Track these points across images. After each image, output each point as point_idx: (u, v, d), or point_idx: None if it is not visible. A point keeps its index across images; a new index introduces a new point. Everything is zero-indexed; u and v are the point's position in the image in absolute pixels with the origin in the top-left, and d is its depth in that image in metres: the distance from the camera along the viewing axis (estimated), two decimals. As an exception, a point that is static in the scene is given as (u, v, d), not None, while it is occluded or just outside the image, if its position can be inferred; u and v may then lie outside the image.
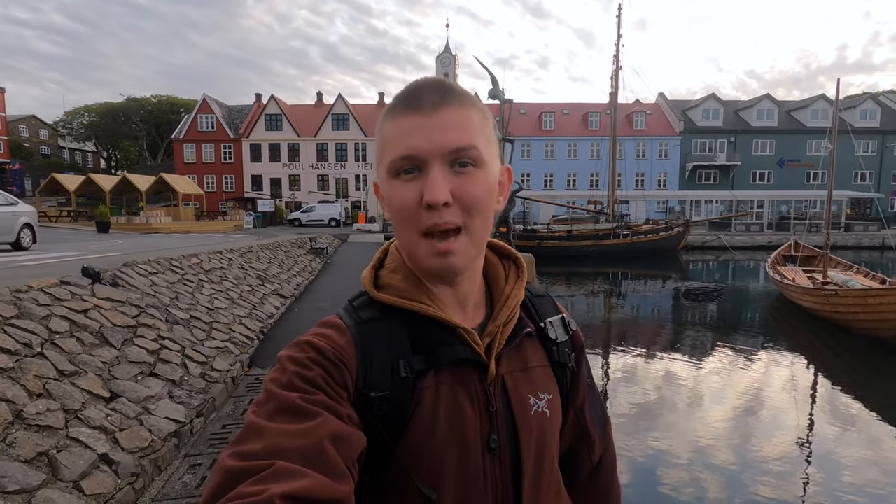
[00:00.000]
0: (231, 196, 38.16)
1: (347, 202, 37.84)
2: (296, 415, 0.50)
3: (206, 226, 27.55)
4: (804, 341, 8.80)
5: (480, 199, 0.58)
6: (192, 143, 39.70)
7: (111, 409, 3.00)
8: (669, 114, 41.05)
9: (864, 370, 7.25)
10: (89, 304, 3.94)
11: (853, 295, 7.95)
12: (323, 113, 40.37)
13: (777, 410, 5.67)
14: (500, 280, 0.70)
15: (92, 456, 2.55)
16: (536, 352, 0.69)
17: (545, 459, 0.65)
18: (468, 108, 0.59)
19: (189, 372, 3.91)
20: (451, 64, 68.77)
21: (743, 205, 35.68)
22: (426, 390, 0.59)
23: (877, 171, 39.69)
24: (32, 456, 2.37)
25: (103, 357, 3.44)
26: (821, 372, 7.24)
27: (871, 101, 40.48)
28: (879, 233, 27.87)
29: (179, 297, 5.23)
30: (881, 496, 3.95)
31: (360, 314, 0.63)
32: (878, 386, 6.67)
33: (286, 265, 10.27)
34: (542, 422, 0.65)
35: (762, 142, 39.46)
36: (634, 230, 22.45)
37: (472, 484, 0.59)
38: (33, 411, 2.60)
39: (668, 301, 13.40)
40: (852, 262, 12.68)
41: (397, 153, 0.58)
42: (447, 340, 0.61)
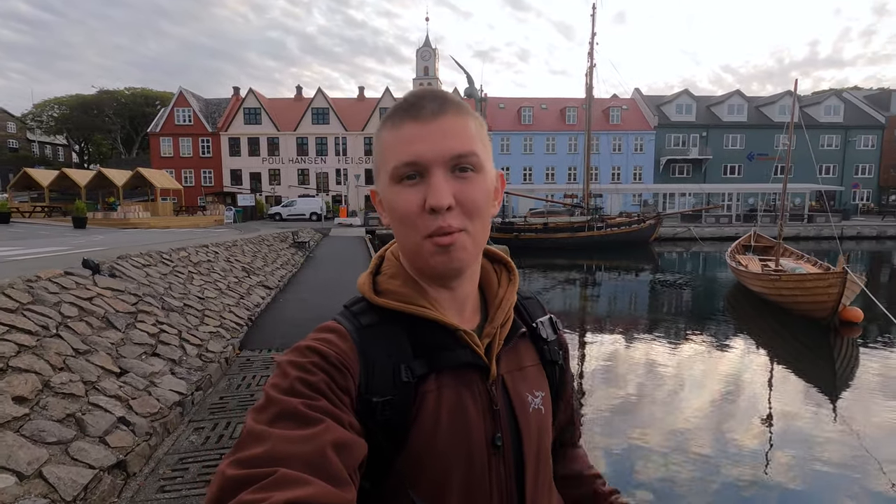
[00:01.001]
0: (210, 191, 37.90)
1: (328, 196, 37.95)
2: (298, 421, 0.49)
3: (185, 221, 27.44)
4: (754, 324, 9.56)
5: (480, 202, 0.61)
6: (169, 136, 39.21)
7: (122, 382, 3.41)
8: (644, 109, 42.08)
9: (800, 348, 8.01)
10: (93, 292, 4.31)
11: (793, 279, 8.72)
12: (303, 107, 40.25)
13: (730, 392, 6.30)
14: (493, 284, 0.72)
15: (111, 418, 2.98)
16: (529, 351, 0.72)
17: (542, 454, 0.69)
18: (466, 117, 0.62)
19: (186, 353, 4.33)
20: (432, 58, 68.80)
21: (714, 197, 36.98)
22: (428, 394, 0.61)
23: (840, 165, 41.38)
24: (62, 417, 2.79)
25: (111, 339, 3.84)
26: (767, 351, 7.96)
27: (834, 98, 42.12)
28: (839, 224, 29.33)
29: (172, 287, 5.61)
30: (817, 468, 4.60)
31: (359, 319, 0.63)
32: (812, 360, 7.42)
33: (270, 258, 10.62)
34: (539, 418, 0.68)
35: (732, 136, 40.78)
36: (608, 223, 23.26)
37: (478, 483, 0.61)
38: (58, 381, 3.00)
39: (638, 291, 14.12)
40: (813, 251, 13.52)
41: (400, 159, 0.59)
42: (448, 343, 0.63)
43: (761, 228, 18.09)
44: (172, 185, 31.37)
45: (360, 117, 39.87)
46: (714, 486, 3.93)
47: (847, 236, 27.52)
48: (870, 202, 40.76)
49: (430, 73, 67.92)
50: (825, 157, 41.01)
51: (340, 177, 39.10)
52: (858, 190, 40.53)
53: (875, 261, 20.39)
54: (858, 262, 19.83)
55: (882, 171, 41.01)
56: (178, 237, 12.53)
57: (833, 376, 6.71)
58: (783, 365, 7.22)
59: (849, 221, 31.14)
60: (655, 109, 41.34)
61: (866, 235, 27.62)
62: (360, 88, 43.81)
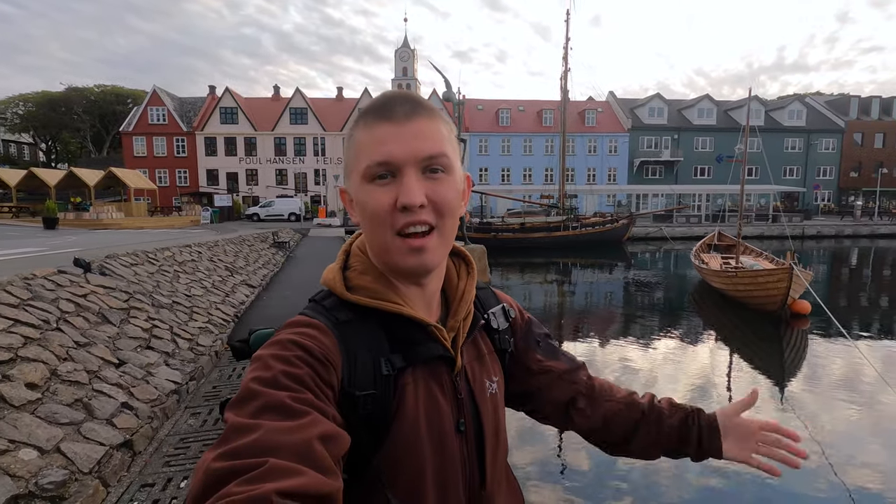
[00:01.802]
0: (185, 191, 37.35)
1: (307, 197, 37.81)
2: (284, 413, 0.49)
3: (160, 222, 27.04)
4: (715, 318, 10.16)
5: (450, 201, 0.62)
6: (143, 136, 38.48)
7: (122, 372, 3.65)
8: (618, 111, 43.16)
9: (755, 339, 8.61)
10: (87, 289, 4.51)
11: (748, 275, 9.35)
12: (280, 106, 40.00)
13: (691, 383, 6.79)
14: (452, 277, 0.74)
15: (116, 403, 3.22)
16: (485, 340, 0.76)
17: (500, 434, 0.73)
18: (437, 120, 0.63)
19: (178, 346, 4.56)
20: (410, 58, 68.93)
21: (685, 198, 38.24)
22: (407, 386, 0.63)
23: (803, 167, 43.16)
24: (71, 401, 3.03)
25: (107, 333, 4.06)
26: (726, 343, 8.54)
27: (797, 103, 43.95)
28: (801, 223, 30.74)
29: (160, 285, 5.80)
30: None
31: (335, 315, 0.64)
32: (765, 350, 8.01)
33: (251, 258, 10.78)
34: (495, 401, 0.73)
35: (702, 139, 42.13)
36: (583, 222, 23.91)
37: (449, 465, 0.65)
38: (64, 370, 3.23)
39: (610, 288, 14.69)
40: (777, 250, 14.32)
41: (373, 159, 0.60)
42: (421, 338, 0.65)
43: (727, 228, 18.95)
44: (146, 185, 30.85)
45: (338, 117, 39.84)
46: (685, 478, 4.35)
47: (808, 235, 28.88)
48: (830, 203, 42.64)
49: (408, 73, 68.06)
50: (789, 160, 42.78)
51: (319, 177, 39.00)
52: (820, 191, 42.33)
53: (835, 258, 21.51)
54: (819, 259, 20.89)
55: (842, 173, 42.98)
56: (155, 238, 12.49)
57: (782, 364, 7.29)
58: (740, 356, 7.78)
59: (810, 221, 32.62)
60: (629, 112, 42.46)
61: (826, 234, 29.02)
62: (338, 89, 43.77)
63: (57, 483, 2.35)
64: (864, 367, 6.56)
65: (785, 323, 8.82)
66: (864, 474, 4.12)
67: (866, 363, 6.51)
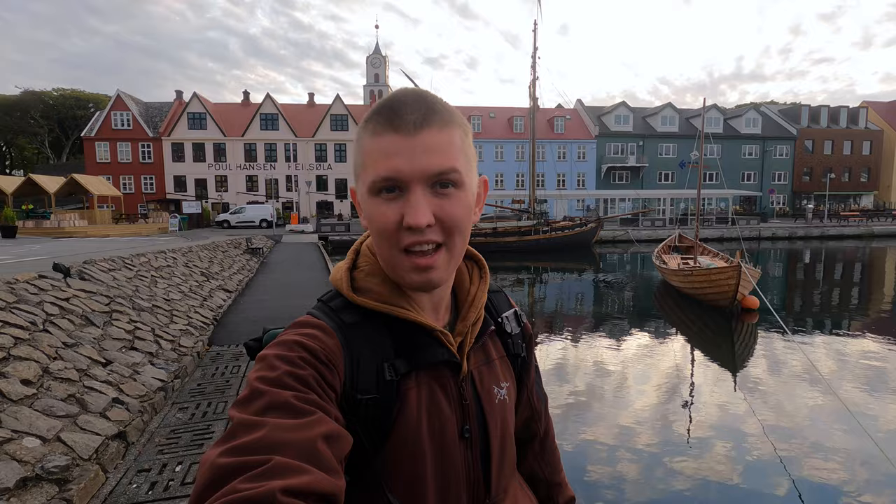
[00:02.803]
0: (152, 197, 36.48)
1: (279, 203, 37.46)
2: (289, 412, 0.49)
3: (126, 229, 26.37)
4: (674, 315, 10.77)
5: (460, 219, 0.60)
6: (106, 141, 37.42)
7: (110, 371, 3.80)
8: (586, 119, 44.45)
9: (709, 333, 9.22)
10: (69, 293, 4.61)
11: (702, 273, 10.01)
12: (250, 112, 39.60)
13: (648, 376, 7.26)
14: (465, 281, 0.73)
15: (107, 398, 3.38)
16: (496, 345, 0.74)
17: (507, 441, 0.71)
18: (450, 128, 0.60)
19: (161, 347, 4.70)
20: (382, 65, 69.16)
21: (650, 202, 39.66)
22: (410, 391, 0.62)
23: (760, 172, 45.32)
24: (65, 397, 3.18)
25: (92, 334, 4.18)
26: (684, 337, 9.09)
27: (753, 111, 46.20)
28: (757, 226, 32.35)
29: (139, 289, 5.89)
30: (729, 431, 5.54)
31: (341, 317, 0.64)
32: (718, 343, 8.60)
33: (226, 264, 10.81)
34: (504, 408, 0.71)
35: (666, 145, 43.79)
36: (553, 227, 24.60)
37: (450, 471, 0.64)
38: (55, 368, 3.38)
39: (578, 289, 15.24)
40: (734, 251, 15.15)
41: (378, 174, 0.58)
42: (426, 343, 0.65)
43: (688, 231, 19.88)
44: (111, 191, 30.02)
45: (310, 124, 39.69)
46: (648, 471, 4.74)
47: (764, 237, 30.41)
48: (785, 206, 44.90)
49: (380, 80, 68.27)
50: (747, 166, 44.90)
51: (291, 183, 38.70)
52: (775, 195, 44.51)
53: (784, 258, 22.75)
54: (772, 259, 22.08)
55: (795, 178, 45.34)
56: (122, 246, 12.29)
57: (733, 356, 7.86)
58: (696, 348, 8.33)
59: (766, 224, 34.32)
60: (596, 119, 43.79)
61: (780, 236, 30.61)
62: (309, 94, 43.59)
63: (61, 467, 2.53)
64: (800, 358, 7.17)
65: (736, 317, 9.46)
66: (799, 456, 4.61)
67: (803, 355, 7.13)
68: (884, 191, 46.79)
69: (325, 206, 39.56)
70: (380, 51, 69.04)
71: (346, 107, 39.57)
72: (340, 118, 39.35)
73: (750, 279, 8.80)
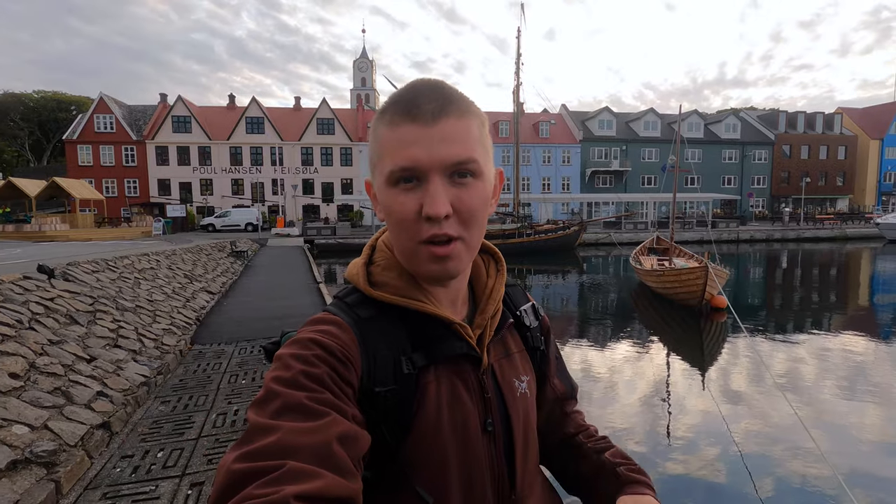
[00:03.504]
0: (135, 201, 36.20)
1: (264, 207, 37.38)
2: (304, 414, 0.49)
3: (109, 233, 26.16)
4: (648, 314, 11.14)
5: (477, 210, 0.60)
6: (89, 144, 37.05)
7: (94, 366, 3.96)
8: (570, 123, 45.12)
9: (679, 331, 9.58)
10: (53, 293, 4.75)
11: (673, 273, 10.39)
12: (236, 115, 39.51)
13: (622, 372, 7.56)
14: (482, 275, 0.74)
15: (91, 391, 3.56)
16: (515, 338, 0.75)
17: (530, 435, 0.72)
18: (468, 118, 0.60)
19: (145, 345, 4.86)
20: (369, 69, 69.33)
21: (633, 206, 40.37)
22: (429, 384, 0.62)
23: (739, 177, 46.37)
24: (51, 389, 3.35)
25: (76, 332, 4.34)
26: (657, 336, 9.44)
27: (733, 117, 47.27)
28: (736, 228, 33.13)
29: (123, 290, 6.03)
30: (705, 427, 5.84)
31: (356, 312, 0.64)
32: (687, 340, 8.96)
33: (210, 266, 10.92)
34: (526, 401, 0.71)
35: (648, 150, 44.58)
36: (536, 230, 24.98)
37: (474, 465, 0.63)
38: (42, 363, 3.54)
39: (562, 291, 15.57)
40: (714, 253, 15.63)
41: (396, 164, 0.58)
42: (444, 336, 0.65)
43: (668, 233, 20.36)
44: (93, 195, 29.73)
45: (296, 127, 39.70)
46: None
47: (743, 239, 31.16)
48: (764, 209, 45.97)
49: (367, 84, 68.45)
50: (727, 170, 45.91)
51: (277, 187, 38.66)
52: (753, 199, 45.57)
53: (760, 260, 23.39)
54: (748, 261, 22.68)
55: (773, 182, 46.47)
56: (104, 250, 12.30)
57: (701, 353, 8.21)
58: (667, 346, 8.67)
59: (745, 227, 35.15)
60: (580, 124, 44.45)
61: (758, 239, 31.39)
62: (296, 98, 43.60)
63: (49, 451, 2.71)
64: (753, 356, 7.54)
65: (705, 316, 9.84)
66: (755, 447, 4.92)
67: (755, 354, 7.50)
68: (858, 194, 48.17)
69: (312, 209, 39.56)
70: (367, 55, 69.24)
71: (332, 111, 39.66)
72: (327, 122, 39.43)
73: (714, 278, 9.17)
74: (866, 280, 16.86)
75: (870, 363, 7.33)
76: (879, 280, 16.56)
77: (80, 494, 2.63)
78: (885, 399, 5.91)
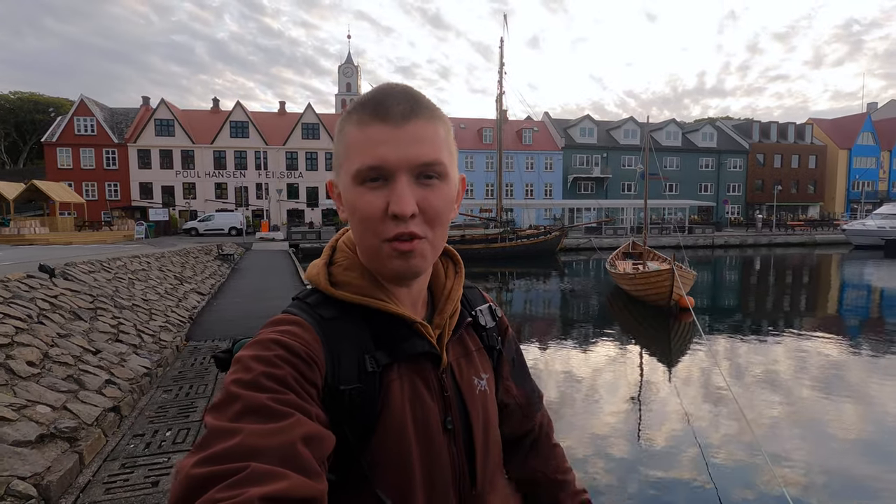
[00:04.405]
0: (116, 205, 35.87)
1: (248, 211, 37.33)
2: (266, 416, 0.48)
3: (90, 236, 25.92)
4: (621, 315, 11.69)
5: (442, 211, 0.61)
6: (68, 147, 36.61)
7: (100, 358, 4.25)
8: (553, 131, 46.02)
9: (650, 330, 10.13)
10: (56, 291, 5.02)
11: (643, 276, 10.97)
12: (220, 119, 39.43)
13: (594, 369, 8.03)
14: (440, 276, 0.75)
15: (101, 379, 3.86)
16: (473, 338, 0.77)
17: (490, 432, 0.72)
18: (435, 122, 0.61)
19: (144, 340, 5.15)
20: (354, 74, 69.56)
21: (613, 212, 41.34)
22: (393, 383, 0.62)
23: (716, 184, 47.77)
24: (65, 377, 3.65)
25: (81, 327, 4.62)
26: (629, 335, 9.97)
27: (709, 126, 48.75)
28: (712, 234, 34.21)
29: (119, 290, 6.29)
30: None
31: (318, 312, 0.63)
32: (656, 339, 9.49)
33: (198, 269, 11.13)
34: (485, 399, 0.72)
35: (628, 157, 45.62)
36: (519, 235, 25.55)
37: (435, 464, 0.64)
38: (54, 353, 3.84)
39: (542, 295, 16.07)
40: (684, 257, 16.30)
41: (364, 162, 0.58)
42: (407, 335, 0.65)
43: (643, 238, 21.06)
44: (73, 198, 29.40)
45: (281, 132, 39.79)
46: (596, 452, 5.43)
47: (717, 245, 32.21)
48: (739, 216, 47.42)
49: (352, 89, 68.65)
50: (704, 177, 47.27)
51: (261, 191, 38.65)
52: (729, 205, 46.98)
53: (730, 264, 24.29)
54: (721, 265, 23.53)
55: (748, 189, 47.97)
56: (86, 254, 12.31)
57: (669, 350, 8.74)
58: (638, 344, 9.20)
59: (720, 232, 36.28)
60: (562, 132, 45.38)
61: (732, 244, 32.47)
62: (280, 103, 43.73)
63: (71, 428, 3.02)
64: (708, 355, 8.09)
65: (673, 316, 10.41)
66: (713, 439, 5.41)
67: (710, 352, 8.05)
68: (829, 202, 49.99)
69: (296, 214, 39.61)
70: (352, 60, 69.48)
71: (317, 115, 39.86)
72: (312, 127, 39.60)
73: (678, 280, 9.74)
74: (828, 283, 17.77)
75: (823, 362, 7.93)
76: (843, 283, 17.48)
77: (101, 465, 2.95)
78: (828, 394, 6.47)
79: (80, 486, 2.72)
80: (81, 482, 2.76)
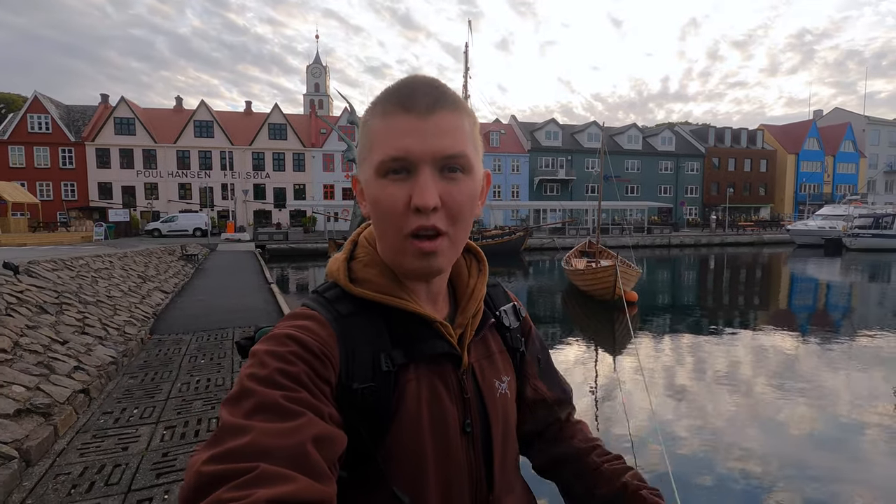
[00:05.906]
0: (73, 205, 34.74)
1: (213, 212, 36.79)
2: (278, 414, 0.48)
3: (45, 238, 25.09)
4: (573, 308, 12.43)
5: (465, 206, 0.60)
6: (21, 145, 35.27)
7: (68, 347, 4.54)
8: (519, 134, 47.12)
9: (597, 321, 10.89)
10: (22, 287, 5.24)
11: (591, 272, 11.75)
12: (183, 118, 38.72)
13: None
14: (463, 274, 0.73)
15: (70, 366, 4.16)
16: (495, 339, 0.74)
17: (509, 437, 0.71)
18: (461, 114, 0.60)
19: (109, 333, 5.42)
20: (322, 75, 69.09)
21: (578, 213, 42.68)
22: (409, 383, 0.61)
23: (674, 186, 49.84)
24: (36, 363, 3.94)
25: (48, 320, 4.88)
26: (579, 327, 10.67)
27: (668, 131, 50.83)
28: (670, 234, 35.84)
29: (83, 287, 6.49)
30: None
31: (336, 308, 0.63)
32: (602, 330, 10.24)
33: (161, 268, 11.24)
34: (505, 403, 0.70)
35: (591, 160, 47.12)
36: (484, 234, 26.25)
37: (452, 466, 0.63)
38: (24, 342, 4.12)
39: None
40: (643, 257, 17.22)
41: (388, 153, 0.57)
42: (425, 335, 0.64)
43: (610, 238, 22.12)
44: (27, 198, 28.40)
45: (247, 132, 39.38)
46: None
47: (674, 244, 33.78)
48: (696, 217, 49.63)
49: (321, 89, 68.23)
50: (663, 180, 49.26)
51: (227, 191, 38.15)
52: (686, 207, 49.11)
53: (681, 262, 25.64)
54: (675, 263, 24.83)
55: (705, 191, 50.26)
56: (43, 255, 12.22)
57: (613, 340, 9.47)
58: (587, 335, 9.90)
59: (677, 233, 38.01)
60: (529, 135, 46.51)
61: (687, 244, 34.13)
62: (247, 102, 43.25)
63: (45, 404, 3.35)
64: (652, 345, 8.85)
65: (619, 310, 11.18)
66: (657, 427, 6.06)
67: (651, 342, 8.80)
68: (779, 203, 52.88)
69: (263, 215, 39.26)
70: (320, 60, 69.04)
71: (284, 116, 39.62)
72: (279, 127, 39.34)
73: (618, 276, 10.54)
74: (769, 278, 19.14)
75: (750, 347, 8.79)
76: (784, 278, 18.86)
77: (75, 436, 3.30)
78: (739, 382, 7.27)
79: (56, 452, 3.07)
80: (57, 448, 3.11)
